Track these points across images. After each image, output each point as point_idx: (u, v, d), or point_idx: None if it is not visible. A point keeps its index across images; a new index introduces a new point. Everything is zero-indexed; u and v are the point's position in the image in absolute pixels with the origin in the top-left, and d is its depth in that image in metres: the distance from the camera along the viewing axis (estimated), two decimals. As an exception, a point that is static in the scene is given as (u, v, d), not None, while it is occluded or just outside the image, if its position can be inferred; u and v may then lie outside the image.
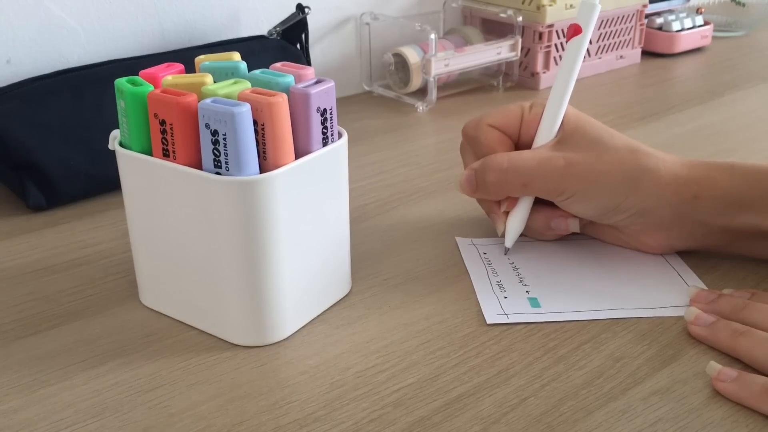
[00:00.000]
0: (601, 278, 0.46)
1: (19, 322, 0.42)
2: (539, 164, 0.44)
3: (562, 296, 0.44)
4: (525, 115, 0.47)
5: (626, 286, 0.45)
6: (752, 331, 0.38)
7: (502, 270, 0.47)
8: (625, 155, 0.44)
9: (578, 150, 0.44)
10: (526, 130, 0.47)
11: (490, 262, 0.47)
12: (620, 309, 0.43)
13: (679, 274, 0.46)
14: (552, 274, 0.46)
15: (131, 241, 0.42)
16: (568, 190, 0.44)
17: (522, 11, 0.81)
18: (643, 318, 0.42)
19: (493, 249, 0.49)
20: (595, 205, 0.44)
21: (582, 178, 0.43)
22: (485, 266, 0.47)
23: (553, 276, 0.46)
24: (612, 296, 0.44)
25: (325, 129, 0.39)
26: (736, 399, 0.36)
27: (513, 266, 0.47)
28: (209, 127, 0.35)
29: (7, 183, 0.57)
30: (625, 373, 0.38)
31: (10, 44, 0.60)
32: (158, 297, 0.42)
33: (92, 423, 0.35)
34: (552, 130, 0.46)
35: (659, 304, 0.43)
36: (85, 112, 0.55)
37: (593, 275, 0.46)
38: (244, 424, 0.35)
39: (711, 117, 0.75)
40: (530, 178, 0.44)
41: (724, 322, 0.39)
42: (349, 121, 0.74)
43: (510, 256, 0.48)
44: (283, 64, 0.41)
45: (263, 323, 0.39)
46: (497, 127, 0.47)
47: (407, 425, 0.34)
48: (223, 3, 0.70)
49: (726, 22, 1.09)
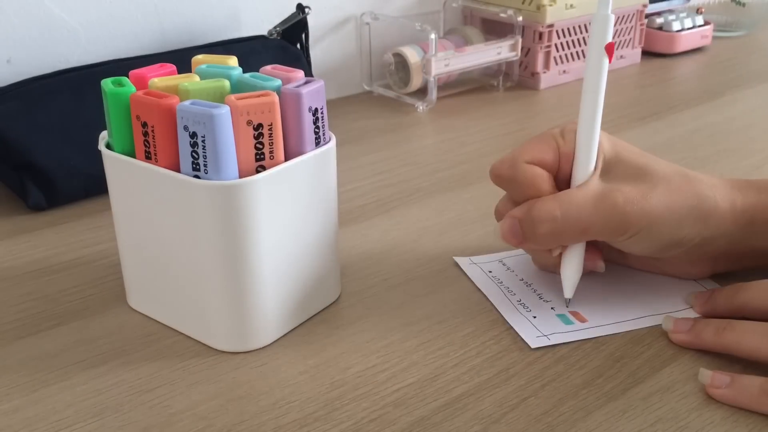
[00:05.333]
0: (622, 287, 0.45)
1: (19, 321, 0.42)
2: (595, 206, 0.39)
3: (592, 311, 0.42)
4: (561, 146, 0.41)
5: (649, 293, 0.44)
6: (734, 323, 0.38)
7: (516, 288, 0.45)
8: (682, 185, 0.40)
9: (628, 181, 0.40)
10: (565, 162, 0.41)
11: (501, 281, 0.46)
12: (650, 316, 0.42)
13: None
14: None
15: (118, 243, 0.42)
16: (631, 229, 0.39)
17: (522, 11, 0.81)
18: None
19: (495, 266, 0.47)
20: (658, 241, 0.40)
21: (646, 213, 0.39)
22: (497, 286, 0.45)
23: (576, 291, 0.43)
24: (636, 304, 0.43)
25: (317, 129, 0.39)
26: (735, 404, 0.35)
27: (525, 282, 0.45)
28: (188, 129, 0.35)
29: (7, 183, 0.57)
30: (625, 372, 0.38)
31: (11, 44, 0.60)
32: (144, 300, 0.42)
33: (92, 423, 0.35)
34: (590, 160, 0.41)
35: (681, 306, 0.43)
36: (85, 112, 0.55)
37: (615, 285, 0.45)
38: (245, 423, 0.35)
39: (711, 117, 0.75)
40: (589, 223, 0.39)
41: (704, 322, 0.39)
42: (349, 120, 0.74)
43: (518, 273, 0.46)
44: (273, 67, 0.40)
45: (244, 329, 0.39)
46: (535, 164, 0.41)
47: (407, 425, 0.34)
48: (223, 3, 0.70)
49: (726, 21, 1.09)
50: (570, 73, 0.87)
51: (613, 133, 0.43)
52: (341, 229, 0.43)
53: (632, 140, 0.44)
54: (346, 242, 0.49)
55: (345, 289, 0.45)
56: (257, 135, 0.36)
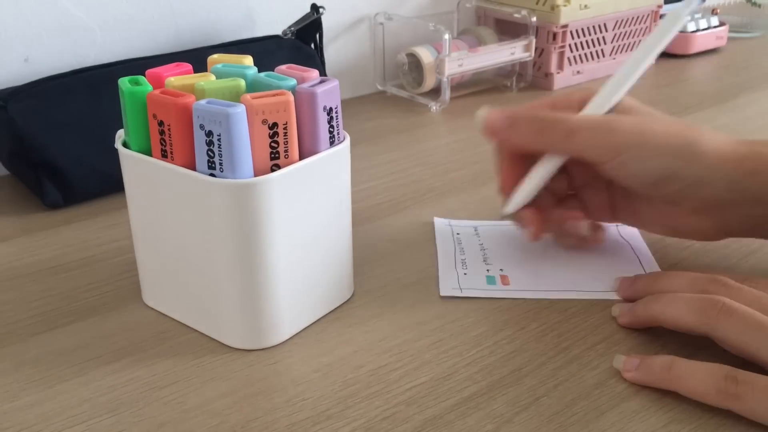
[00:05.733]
0: (562, 262, 0.47)
1: (36, 318, 0.42)
2: (588, 118, 0.41)
3: (519, 276, 0.45)
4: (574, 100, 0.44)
5: (585, 270, 0.46)
6: (661, 296, 0.39)
7: (470, 250, 0.48)
8: (679, 126, 0.41)
9: None
10: None
11: (461, 242, 0.49)
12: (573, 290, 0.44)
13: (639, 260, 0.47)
14: (517, 257, 0.48)
15: (133, 241, 0.42)
16: (618, 148, 0.40)
17: (536, 11, 0.81)
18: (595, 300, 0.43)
19: (468, 231, 0.51)
20: (648, 170, 0.40)
21: (636, 133, 0.40)
22: (455, 245, 0.49)
23: (518, 259, 0.47)
24: (567, 279, 0.45)
25: (332, 128, 0.39)
26: (644, 383, 0.37)
27: (481, 247, 0.48)
28: (204, 128, 0.35)
29: (24, 180, 0.58)
30: (638, 373, 0.38)
31: (28, 43, 0.60)
32: (159, 297, 0.43)
33: (108, 418, 0.35)
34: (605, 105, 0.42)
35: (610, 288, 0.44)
36: (102, 110, 0.55)
37: (555, 260, 0.47)
38: (258, 420, 0.35)
39: (726, 118, 0.74)
40: (577, 126, 0.40)
41: (641, 300, 0.40)
42: (362, 120, 0.74)
43: (483, 239, 0.49)
44: (288, 66, 0.40)
45: (258, 327, 0.39)
46: None
47: (420, 423, 0.35)
48: (238, 2, 0.71)
49: (741, 22, 1.08)
50: (584, 73, 0.86)
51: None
52: (354, 228, 0.43)
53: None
54: (360, 241, 0.49)
55: (358, 287, 0.45)
56: (272, 134, 0.36)
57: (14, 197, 0.57)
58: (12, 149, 0.55)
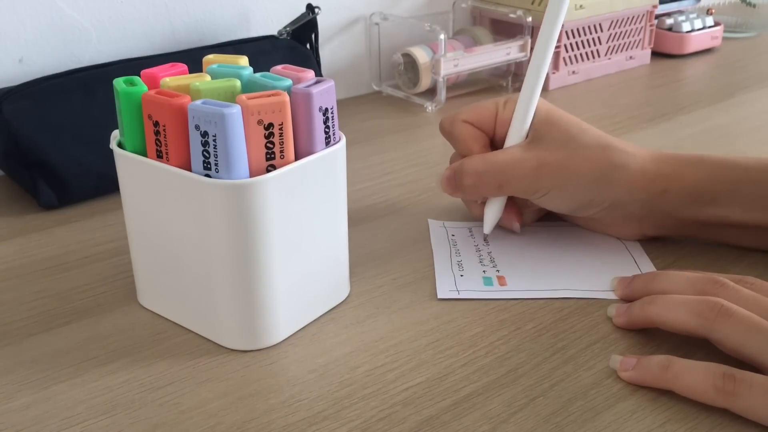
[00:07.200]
0: (557, 262, 0.48)
1: (31, 319, 0.42)
2: (513, 167, 0.45)
3: (517, 276, 0.46)
4: (499, 112, 0.48)
5: (580, 270, 0.47)
6: (658, 298, 0.39)
7: (465, 251, 0.49)
8: (596, 153, 0.45)
9: (550, 148, 0.45)
10: (501, 127, 0.48)
11: (456, 244, 0.50)
12: (569, 290, 0.44)
13: (634, 260, 0.48)
14: (513, 258, 0.48)
15: (129, 242, 0.42)
16: (541, 189, 0.45)
17: (531, 12, 0.81)
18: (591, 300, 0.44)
19: (462, 232, 0.51)
20: (568, 201, 0.46)
21: (554, 177, 0.45)
22: (450, 247, 0.49)
23: (514, 259, 0.48)
24: (563, 278, 0.46)
25: (328, 128, 0.39)
26: (641, 383, 0.37)
27: (476, 248, 0.49)
28: (199, 129, 0.35)
29: (19, 181, 0.57)
30: (634, 373, 0.38)
31: (23, 43, 0.60)
32: (154, 298, 0.42)
33: (103, 420, 0.35)
34: (524, 127, 0.47)
35: (608, 287, 0.45)
36: (97, 110, 0.55)
37: (550, 259, 0.48)
38: (254, 421, 0.35)
39: (721, 118, 0.75)
40: (504, 180, 0.46)
41: (637, 301, 0.40)
42: (358, 121, 0.74)
43: (478, 240, 0.50)
44: (283, 67, 0.40)
45: (253, 328, 0.39)
46: (472, 123, 0.48)
47: (416, 424, 0.35)
48: (233, 3, 0.70)
49: (736, 22, 1.08)
50: (579, 73, 0.87)
51: (622, 135, 0.43)
52: (350, 229, 0.43)
53: (641, 141, 0.44)
54: (356, 242, 0.49)
55: (354, 288, 0.45)
56: (268, 134, 0.36)
57: (9, 198, 0.57)
58: (6, 150, 0.55)
